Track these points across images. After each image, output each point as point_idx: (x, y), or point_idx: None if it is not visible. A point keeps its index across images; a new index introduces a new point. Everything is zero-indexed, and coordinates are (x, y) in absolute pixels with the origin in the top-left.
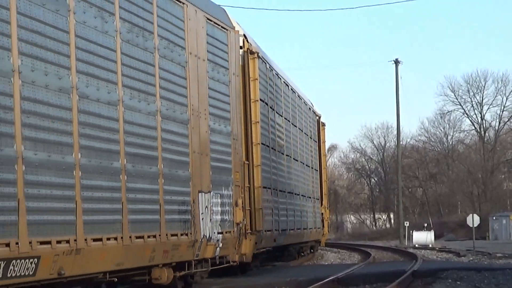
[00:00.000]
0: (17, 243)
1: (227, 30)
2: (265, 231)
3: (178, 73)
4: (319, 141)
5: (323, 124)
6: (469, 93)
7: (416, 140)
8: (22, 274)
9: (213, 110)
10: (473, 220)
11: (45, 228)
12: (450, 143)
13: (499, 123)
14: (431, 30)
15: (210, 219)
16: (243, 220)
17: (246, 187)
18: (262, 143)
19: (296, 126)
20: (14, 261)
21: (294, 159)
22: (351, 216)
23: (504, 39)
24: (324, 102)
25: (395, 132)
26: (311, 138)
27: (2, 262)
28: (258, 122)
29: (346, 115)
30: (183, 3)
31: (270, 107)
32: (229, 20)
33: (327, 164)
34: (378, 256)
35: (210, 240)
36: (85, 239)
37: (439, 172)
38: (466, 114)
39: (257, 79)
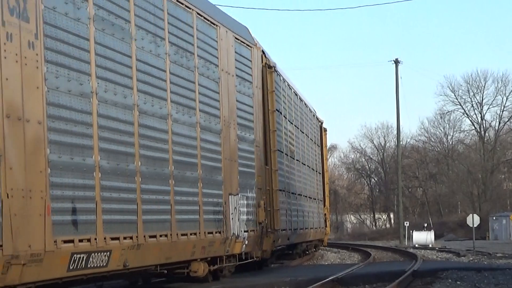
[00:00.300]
0: (95, 239)
1: (251, 47)
2: (281, 230)
3: (213, 88)
4: (322, 145)
5: (325, 130)
6: (469, 93)
7: (416, 140)
8: (98, 265)
9: (240, 120)
10: (473, 220)
11: (115, 226)
12: (450, 143)
13: (499, 123)
14: (431, 30)
15: (238, 219)
16: (265, 220)
17: (267, 189)
18: (278, 150)
19: (303, 132)
20: (93, 254)
21: (302, 163)
22: (351, 216)
23: (504, 39)
24: (324, 102)
25: (395, 132)
26: (315, 143)
27: (85, 255)
28: (275, 130)
29: (346, 115)
30: (216, 25)
31: (284, 116)
32: (252, 37)
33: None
34: (378, 256)
35: (238, 237)
36: (144, 236)
37: (439, 172)
38: (466, 114)
39: (274, 91)
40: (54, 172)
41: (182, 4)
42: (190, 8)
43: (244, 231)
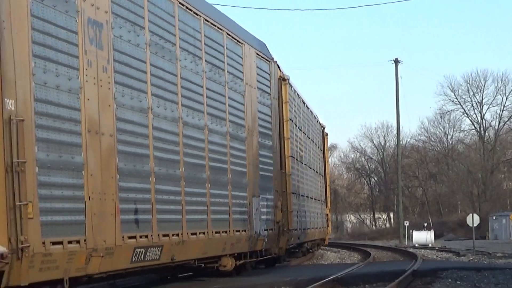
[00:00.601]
0: (151, 235)
1: (269, 61)
2: (293, 230)
3: (239, 100)
4: (324, 149)
5: (327, 134)
6: (469, 93)
7: (416, 140)
8: (153, 258)
9: (260, 129)
10: (473, 219)
11: (165, 224)
12: (450, 142)
13: (499, 122)
14: (431, 29)
15: (259, 219)
16: (282, 220)
17: (282, 192)
18: (291, 156)
19: (309, 138)
20: (149, 248)
21: (308, 166)
22: (351, 215)
23: (504, 38)
24: (324, 101)
25: (395, 132)
26: (318, 147)
27: (144, 249)
28: (289, 138)
29: (346, 114)
30: (242, 43)
31: (294, 124)
32: (269, 52)
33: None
34: (378, 256)
35: (260, 235)
36: (187, 233)
37: (439, 172)
38: (466, 113)
39: (287, 102)
40: (122, 178)
41: (215, 26)
42: (221, 29)
43: (264, 230)
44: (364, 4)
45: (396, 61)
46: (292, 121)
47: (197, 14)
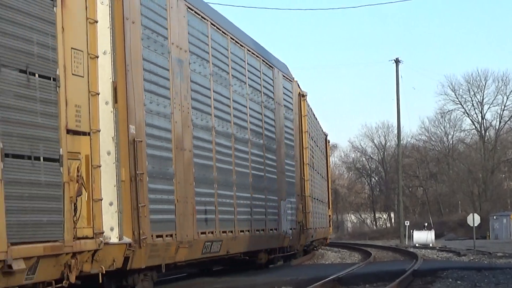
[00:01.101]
0: (215, 232)
1: (291, 81)
2: (310, 229)
3: (271, 117)
4: (326, 154)
5: (328, 141)
6: (469, 93)
7: (416, 140)
8: (215, 251)
9: (286, 140)
10: (474, 219)
11: (224, 223)
12: (451, 142)
13: (500, 122)
14: (432, 29)
15: (286, 219)
16: (302, 220)
17: (302, 196)
18: (307, 163)
19: (317, 146)
20: (214, 242)
21: (317, 172)
22: (352, 215)
23: (505, 38)
24: (325, 101)
25: (396, 131)
26: (322, 153)
27: (210, 243)
28: (306, 147)
29: (346, 114)
30: (272, 67)
31: (309, 134)
32: (290, 72)
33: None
34: (379, 256)
35: (286, 234)
36: (238, 231)
37: (439, 172)
38: (467, 113)
39: (306, 116)
40: (197, 185)
41: (254, 54)
42: (258, 57)
43: (289, 229)
44: (365, 4)
45: (397, 61)
46: (308, 133)
47: (242, 46)
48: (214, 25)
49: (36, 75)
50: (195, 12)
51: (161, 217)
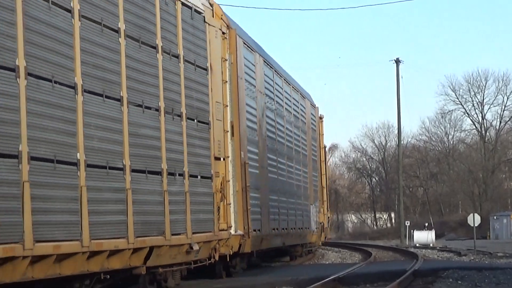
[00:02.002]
0: (277, 228)
1: (315, 107)
2: (326, 228)
3: (304, 137)
4: (325, 163)
5: (325, 151)
6: (470, 93)
7: (417, 140)
8: (277, 243)
9: (313, 157)
10: (474, 219)
11: (282, 222)
12: (451, 142)
13: (500, 122)
14: (432, 29)
15: (313, 220)
16: (323, 221)
17: (323, 200)
18: (325, 174)
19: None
20: (277, 236)
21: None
22: (352, 215)
23: (505, 38)
24: (325, 101)
25: (396, 132)
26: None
27: (276, 237)
28: (324, 161)
29: (347, 114)
30: (304, 98)
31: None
32: (313, 100)
33: (328, 164)
34: (379, 256)
35: (314, 232)
36: (291, 228)
37: (440, 172)
38: (467, 113)
39: (323, 134)
40: (270, 193)
41: (295, 89)
42: (297, 91)
43: (315, 228)
44: (365, 4)
45: (397, 61)
46: (324, 148)
47: (289, 84)
48: (276, 71)
49: (198, 121)
50: (267, 63)
51: (255, 217)
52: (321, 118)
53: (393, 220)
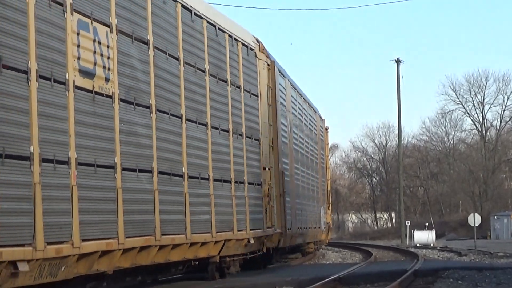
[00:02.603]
0: (301, 228)
1: (323, 120)
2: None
3: (315, 147)
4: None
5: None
6: (470, 93)
7: (417, 140)
8: (299, 241)
9: (322, 164)
10: (475, 219)
11: (303, 223)
12: (452, 142)
13: (501, 122)
14: (432, 29)
15: (322, 220)
16: (329, 221)
17: (329, 203)
18: (330, 179)
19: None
20: (301, 235)
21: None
22: (353, 215)
23: (506, 38)
24: (325, 101)
25: (397, 131)
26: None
27: (299, 235)
28: (329, 167)
29: (347, 114)
30: (315, 112)
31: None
32: (320, 113)
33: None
34: (380, 256)
35: (323, 230)
36: (309, 227)
37: (440, 172)
38: (468, 113)
39: (328, 144)
40: (296, 198)
41: (309, 104)
42: (311, 107)
43: (324, 227)
44: (365, 4)
45: (398, 61)
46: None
47: (306, 101)
48: (298, 92)
49: (252, 138)
50: (292, 85)
51: (288, 218)
52: (326, 129)
53: (394, 220)
